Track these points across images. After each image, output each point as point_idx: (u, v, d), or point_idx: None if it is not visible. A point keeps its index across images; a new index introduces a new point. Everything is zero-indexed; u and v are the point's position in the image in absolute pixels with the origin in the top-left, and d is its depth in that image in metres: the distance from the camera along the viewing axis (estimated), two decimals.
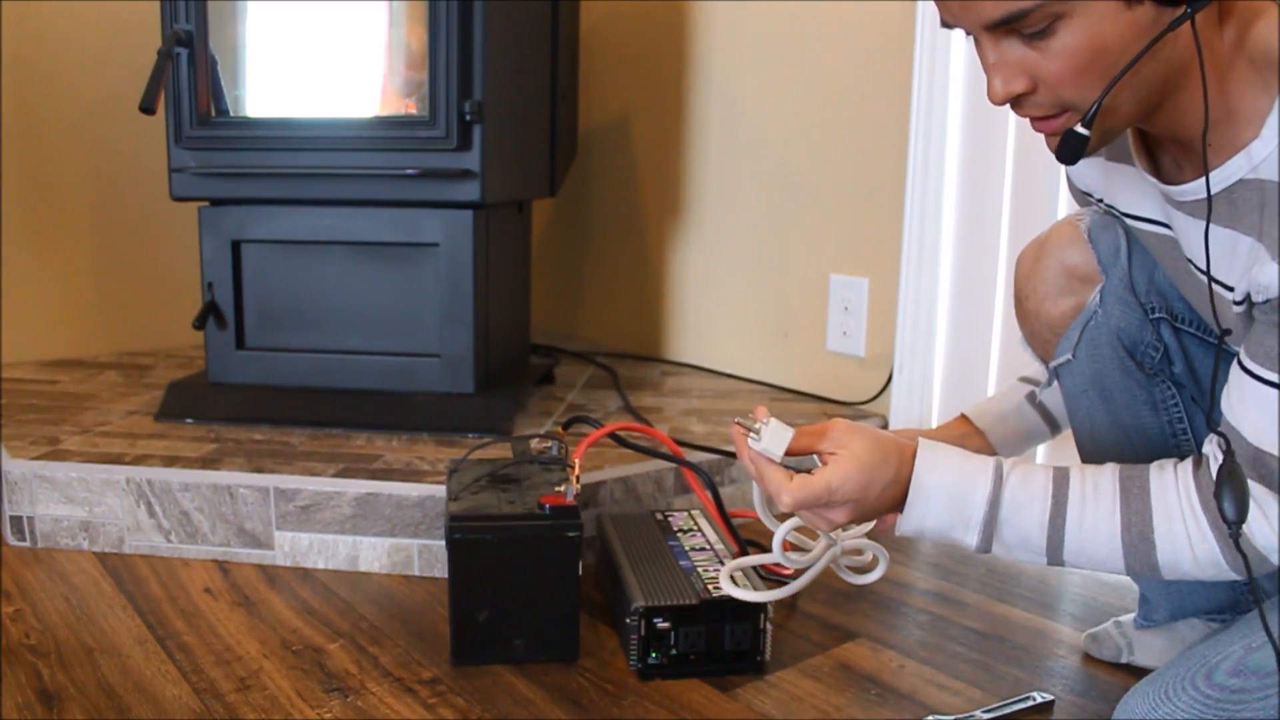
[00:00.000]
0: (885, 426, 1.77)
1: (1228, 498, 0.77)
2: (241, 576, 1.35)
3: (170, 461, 1.44)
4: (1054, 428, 1.18)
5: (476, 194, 1.58)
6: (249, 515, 1.38)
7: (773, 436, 0.88)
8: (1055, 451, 1.55)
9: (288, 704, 1.04)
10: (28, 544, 1.43)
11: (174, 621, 1.21)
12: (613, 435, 1.32)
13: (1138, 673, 1.08)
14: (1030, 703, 1.05)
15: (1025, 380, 1.21)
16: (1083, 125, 0.77)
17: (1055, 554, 0.88)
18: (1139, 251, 1.01)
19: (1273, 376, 0.77)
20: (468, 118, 1.54)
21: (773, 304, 1.99)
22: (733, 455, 1.55)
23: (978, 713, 1.03)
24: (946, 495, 0.88)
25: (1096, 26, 0.73)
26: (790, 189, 1.93)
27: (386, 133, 1.58)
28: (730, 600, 1.10)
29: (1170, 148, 0.85)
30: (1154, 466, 0.87)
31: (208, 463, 1.43)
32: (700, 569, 1.17)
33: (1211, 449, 0.82)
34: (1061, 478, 0.88)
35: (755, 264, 2.02)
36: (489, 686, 1.08)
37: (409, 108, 1.60)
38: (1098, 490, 0.87)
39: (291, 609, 1.26)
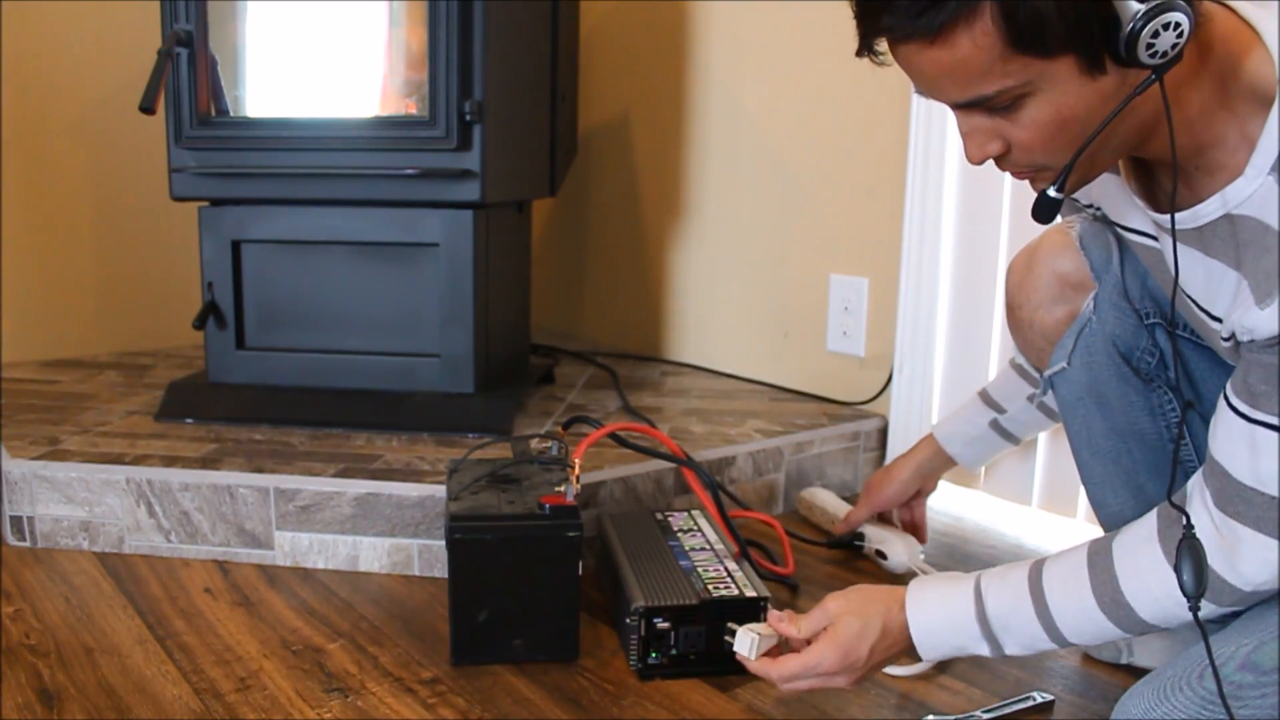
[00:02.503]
0: (885, 427, 1.77)
1: (1187, 571, 0.77)
2: (241, 576, 1.35)
3: (170, 461, 1.44)
4: (1013, 441, 1.37)
5: (476, 194, 1.58)
6: (249, 515, 1.38)
7: (740, 643, 1.01)
8: (1054, 458, 1.56)
9: (288, 704, 1.04)
10: (28, 544, 1.43)
11: (174, 621, 1.21)
12: (613, 435, 1.32)
13: (1137, 673, 1.08)
14: (1030, 703, 1.06)
15: (987, 403, 1.32)
16: (1055, 190, 0.78)
17: (1062, 641, 0.90)
18: (1131, 257, 1.01)
19: (1262, 416, 0.77)
20: (468, 118, 1.54)
21: (773, 304, 1.99)
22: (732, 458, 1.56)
23: (978, 713, 1.03)
24: (944, 631, 0.93)
25: (1061, 100, 0.74)
26: (790, 189, 1.93)
27: (386, 133, 1.58)
28: (728, 599, 1.10)
29: (1165, 171, 0.84)
30: (1120, 530, 0.88)
31: (208, 463, 1.43)
32: (700, 569, 1.17)
33: (1189, 500, 0.82)
34: (1036, 574, 0.91)
35: (755, 264, 2.02)
36: (489, 686, 1.08)
37: (409, 108, 1.60)
38: (1069, 573, 0.89)
39: (291, 609, 1.26)
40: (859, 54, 0.78)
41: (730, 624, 1.07)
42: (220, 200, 1.66)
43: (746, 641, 1.02)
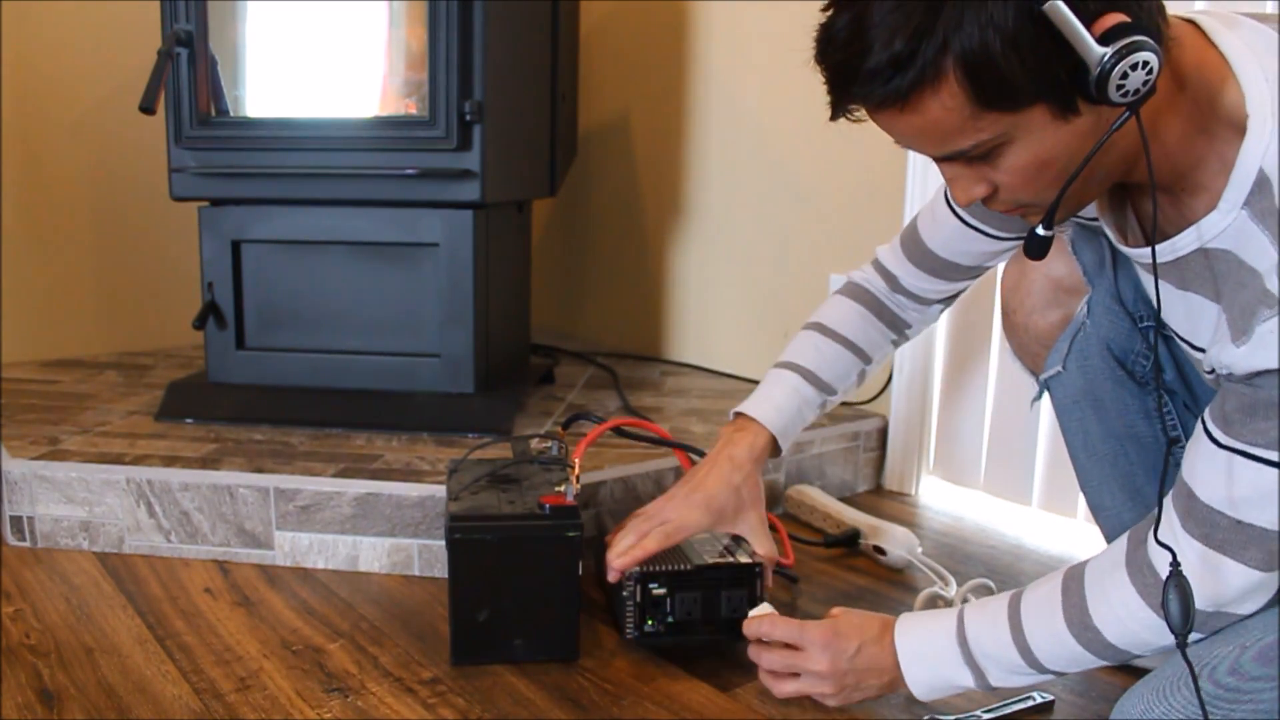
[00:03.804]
0: (885, 427, 1.77)
1: (1175, 607, 0.77)
2: (241, 576, 1.35)
3: (170, 461, 1.44)
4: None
5: (476, 194, 1.58)
6: (249, 515, 1.38)
7: (757, 610, 1.06)
8: (1054, 458, 1.56)
9: (288, 704, 1.04)
10: (28, 544, 1.43)
11: (174, 621, 1.21)
12: (617, 429, 1.33)
13: (1137, 673, 1.08)
14: (1030, 703, 1.06)
15: (820, 387, 1.17)
16: (1043, 227, 0.78)
17: (1040, 668, 0.90)
18: (1123, 260, 1.01)
19: (1234, 443, 0.77)
20: (468, 118, 1.54)
21: (773, 304, 1.99)
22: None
23: (978, 712, 1.03)
24: (927, 656, 0.94)
25: (1038, 144, 0.74)
26: (790, 189, 1.93)
27: (386, 133, 1.58)
28: (724, 564, 1.10)
29: (1150, 196, 0.84)
30: (1095, 556, 0.89)
31: (208, 463, 1.43)
32: (695, 543, 1.17)
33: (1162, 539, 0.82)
34: (1015, 599, 0.91)
35: (755, 264, 2.02)
36: (489, 686, 1.08)
37: (409, 108, 1.60)
38: (1044, 598, 0.89)
39: (291, 609, 1.26)
40: (833, 118, 0.79)
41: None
42: (220, 200, 1.66)
43: (762, 609, 1.05)
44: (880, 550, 1.42)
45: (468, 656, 1.12)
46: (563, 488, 1.15)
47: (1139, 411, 1.03)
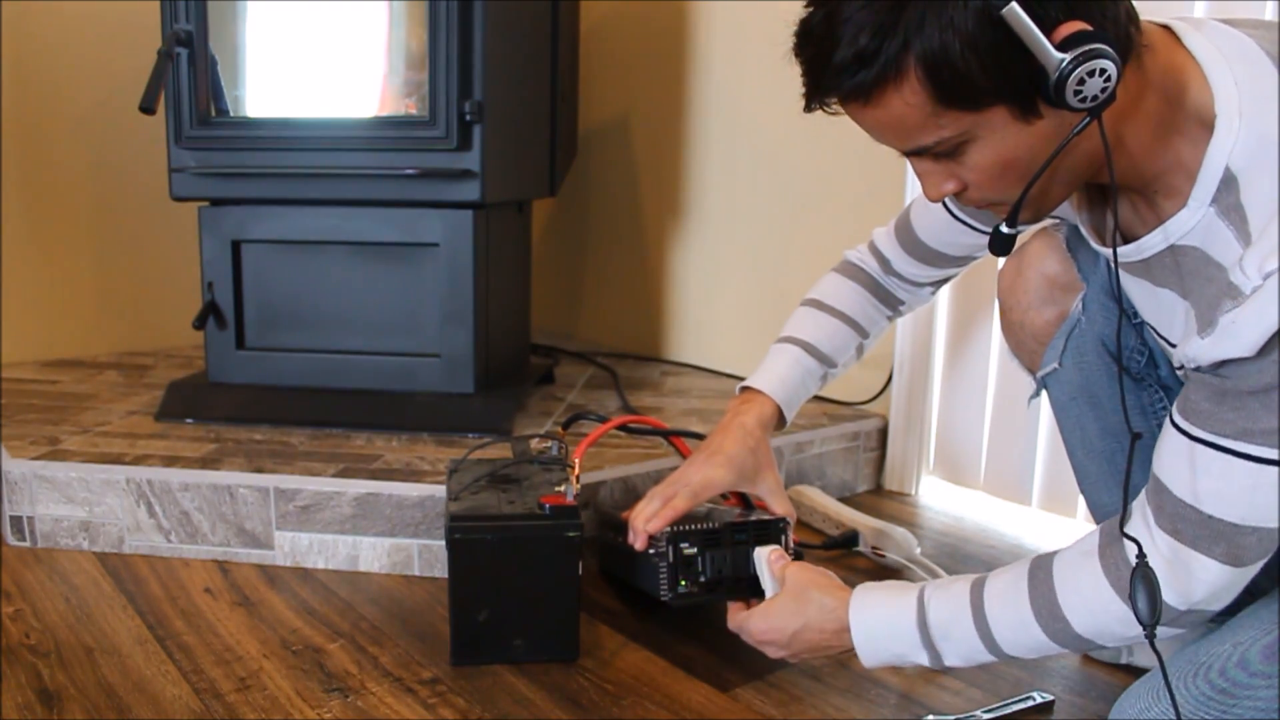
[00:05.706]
0: (885, 427, 1.77)
1: (1142, 600, 0.77)
2: (241, 576, 1.35)
3: (170, 461, 1.44)
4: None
5: (476, 194, 1.58)
6: (249, 515, 1.38)
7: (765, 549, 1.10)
8: (1054, 458, 1.56)
9: (288, 704, 1.04)
10: (28, 544, 1.43)
11: (174, 621, 1.21)
12: (623, 427, 1.33)
13: (1137, 673, 1.08)
14: (1030, 703, 1.06)
15: (820, 359, 1.22)
16: (1006, 225, 0.80)
17: (1000, 654, 0.90)
18: None
19: (1200, 434, 0.77)
20: (468, 118, 1.54)
21: (773, 304, 1.99)
22: None
23: (978, 712, 1.03)
24: (884, 637, 0.94)
25: (1000, 145, 0.75)
26: (790, 189, 1.93)
27: (386, 133, 1.58)
28: (751, 522, 1.11)
29: (1123, 197, 0.85)
30: (1062, 547, 0.89)
31: (208, 463, 1.43)
32: (713, 510, 1.17)
33: (1131, 529, 0.82)
34: (978, 585, 0.91)
35: (755, 264, 2.02)
36: (489, 686, 1.08)
37: (409, 108, 1.60)
38: (1008, 586, 0.89)
39: (291, 609, 1.26)
40: (807, 110, 0.81)
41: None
42: (220, 200, 1.66)
43: (773, 548, 1.09)
44: (879, 552, 1.42)
45: (468, 656, 1.12)
46: (563, 488, 1.15)
47: (1134, 408, 1.04)
